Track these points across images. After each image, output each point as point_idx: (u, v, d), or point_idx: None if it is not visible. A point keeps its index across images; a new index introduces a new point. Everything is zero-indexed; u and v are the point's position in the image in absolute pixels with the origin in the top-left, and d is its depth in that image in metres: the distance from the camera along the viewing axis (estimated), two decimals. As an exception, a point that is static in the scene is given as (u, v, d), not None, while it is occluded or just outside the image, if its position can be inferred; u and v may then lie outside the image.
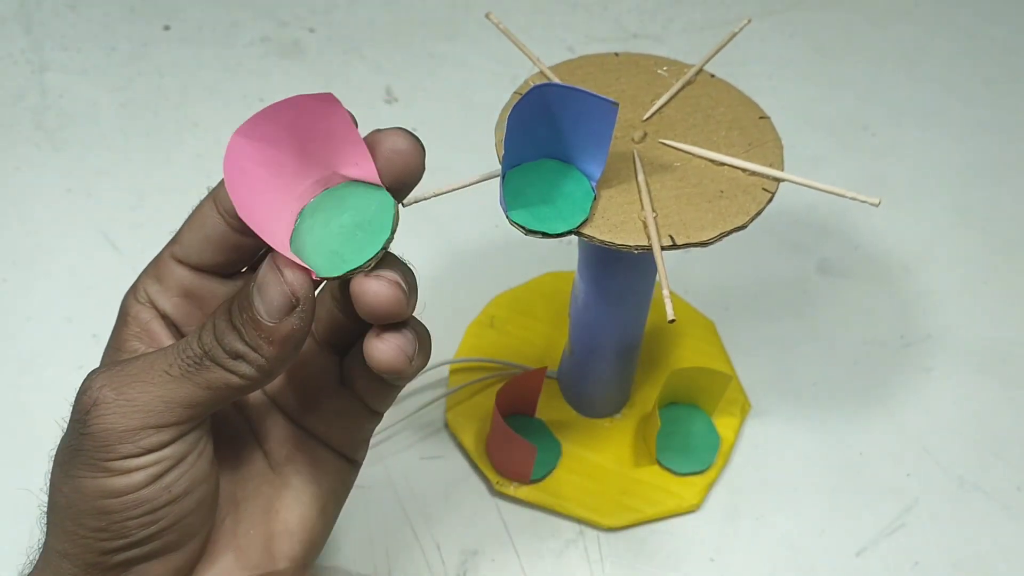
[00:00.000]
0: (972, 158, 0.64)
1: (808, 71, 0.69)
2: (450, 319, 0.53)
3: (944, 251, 0.58)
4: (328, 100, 0.28)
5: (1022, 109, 0.67)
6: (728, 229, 0.35)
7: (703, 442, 0.48)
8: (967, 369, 0.53)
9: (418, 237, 0.57)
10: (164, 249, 0.33)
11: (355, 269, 0.29)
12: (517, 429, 0.44)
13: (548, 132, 0.34)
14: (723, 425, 0.49)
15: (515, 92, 0.39)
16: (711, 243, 0.34)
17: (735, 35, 0.40)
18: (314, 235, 0.29)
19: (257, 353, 0.29)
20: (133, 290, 0.34)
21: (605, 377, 0.46)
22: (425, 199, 0.35)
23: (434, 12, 0.71)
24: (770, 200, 0.36)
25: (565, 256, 0.56)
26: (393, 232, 0.29)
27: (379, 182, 0.29)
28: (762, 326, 0.54)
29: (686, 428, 0.48)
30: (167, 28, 0.69)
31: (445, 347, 0.52)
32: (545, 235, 0.34)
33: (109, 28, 0.68)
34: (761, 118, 0.38)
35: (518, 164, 0.35)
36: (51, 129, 0.62)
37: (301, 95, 0.28)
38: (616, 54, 0.41)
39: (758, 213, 0.35)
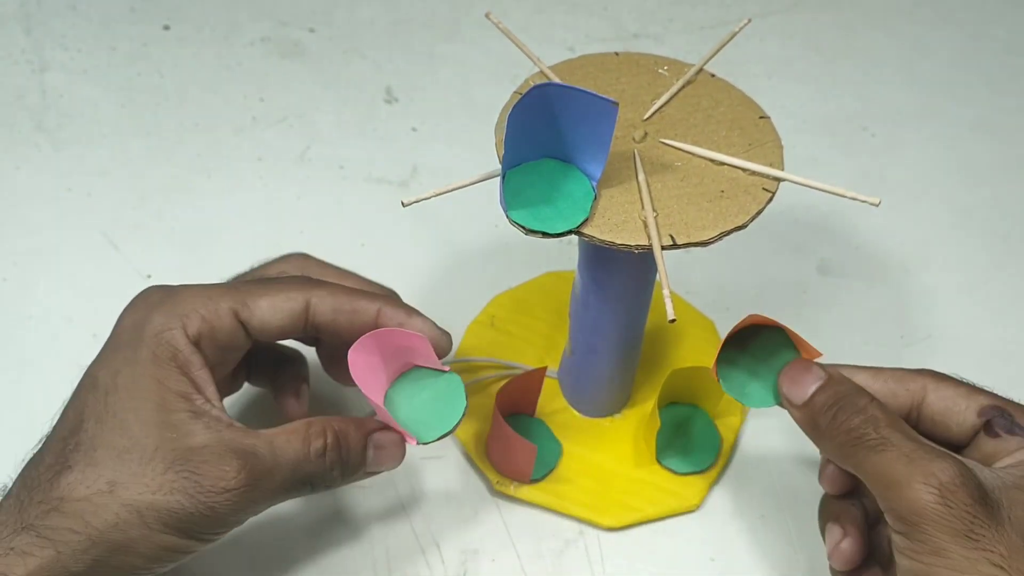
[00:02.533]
0: (972, 158, 0.64)
1: (808, 71, 0.69)
2: (450, 319, 0.53)
3: (944, 251, 0.59)
4: (419, 338, 0.38)
5: (1022, 109, 0.67)
6: (728, 229, 0.35)
7: (703, 442, 0.48)
8: (967, 369, 0.52)
9: (418, 237, 0.57)
10: (218, 300, 0.38)
11: (443, 435, 0.39)
12: (517, 429, 0.44)
13: (548, 132, 0.34)
14: (723, 425, 0.49)
15: (515, 92, 0.39)
16: (711, 243, 0.34)
17: (735, 35, 0.40)
18: (404, 409, 0.39)
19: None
20: (183, 325, 0.37)
21: (605, 377, 0.46)
22: (425, 199, 0.35)
23: (434, 12, 0.71)
24: (770, 200, 0.36)
25: (565, 256, 0.56)
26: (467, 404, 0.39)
27: (443, 368, 0.40)
28: (762, 326, 0.54)
29: (686, 428, 0.48)
30: (167, 28, 0.69)
31: (445, 347, 0.52)
32: (545, 235, 0.34)
33: (109, 28, 0.68)
34: (761, 118, 0.38)
35: (518, 164, 0.35)
36: (51, 129, 0.62)
37: (405, 333, 0.38)
38: (616, 54, 0.41)
39: (758, 213, 0.35)
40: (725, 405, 0.49)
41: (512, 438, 0.43)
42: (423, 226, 0.58)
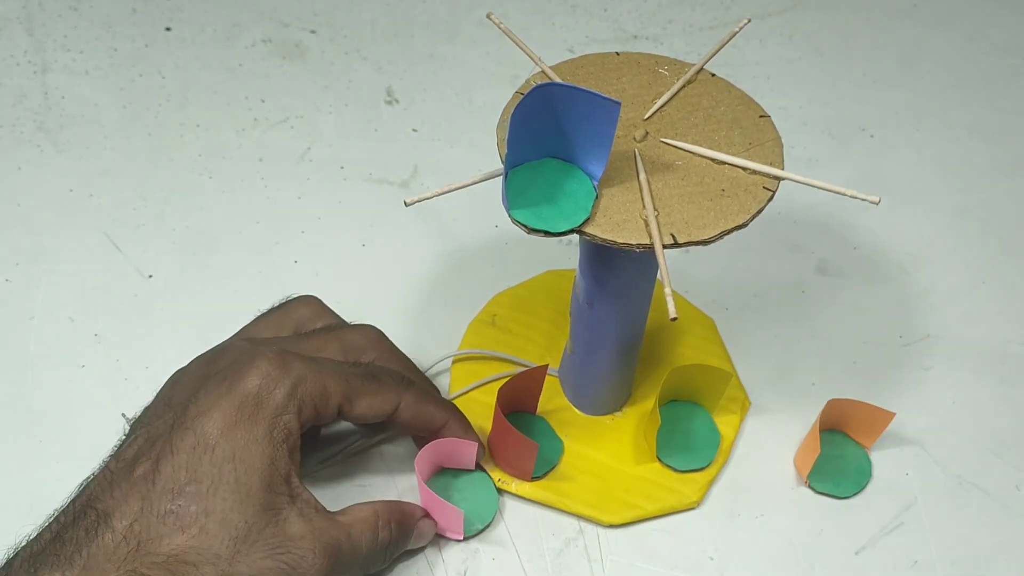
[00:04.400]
0: (971, 159, 0.64)
1: (807, 71, 0.69)
2: (451, 317, 0.53)
3: (943, 251, 0.59)
4: (472, 446, 0.44)
5: (1022, 109, 0.67)
6: (729, 227, 0.35)
7: (703, 439, 0.48)
8: (966, 368, 0.53)
9: (419, 237, 0.58)
10: (331, 390, 0.40)
11: (481, 530, 0.46)
12: (519, 426, 0.44)
13: (550, 131, 0.34)
14: (723, 422, 0.49)
15: (517, 92, 0.39)
16: (712, 241, 0.35)
17: (735, 34, 0.40)
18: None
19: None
20: (298, 410, 0.39)
21: (606, 375, 0.46)
22: (427, 198, 0.35)
23: (434, 13, 0.72)
24: (771, 199, 0.36)
25: (566, 255, 0.56)
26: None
27: (473, 468, 0.46)
28: (762, 325, 0.54)
29: (687, 425, 0.48)
30: (168, 29, 0.69)
31: (447, 345, 0.52)
32: (547, 234, 0.34)
33: (111, 29, 0.69)
34: (761, 117, 0.39)
35: (520, 163, 0.36)
36: (53, 130, 0.62)
37: (457, 441, 0.44)
38: (617, 53, 0.41)
39: (759, 211, 0.35)
40: (725, 403, 0.49)
41: (514, 436, 0.43)
42: (424, 226, 0.58)
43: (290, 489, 0.38)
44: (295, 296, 0.47)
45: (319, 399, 0.40)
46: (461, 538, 0.45)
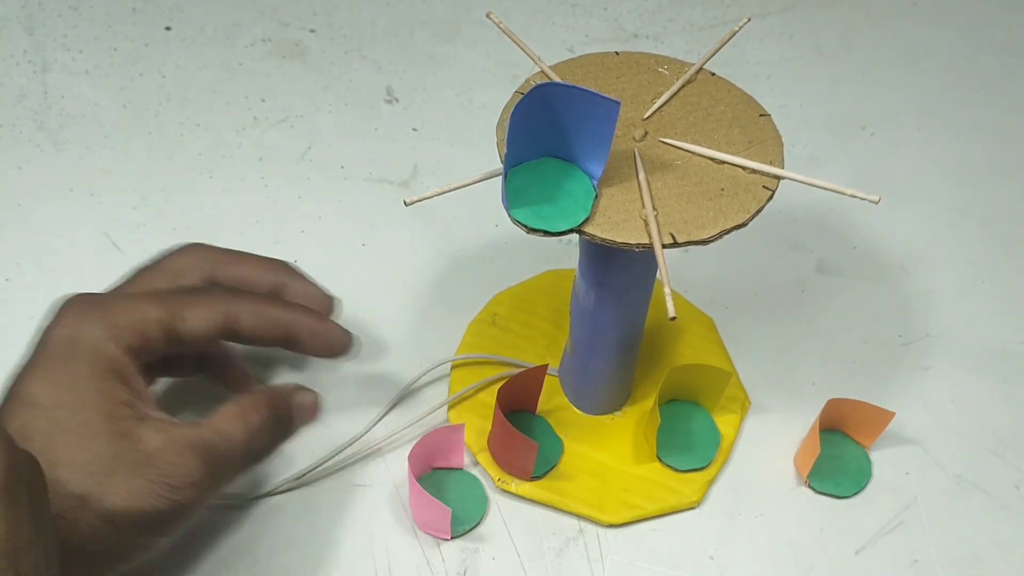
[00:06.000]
0: (971, 158, 0.64)
1: (807, 71, 0.69)
2: (451, 317, 0.53)
3: (942, 250, 0.59)
4: (460, 430, 0.45)
5: (1021, 109, 0.67)
6: (729, 227, 0.35)
7: (703, 439, 0.48)
8: (965, 368, 0.53)
9: (419, 236, 0.58)
10: (147, 313, 0.39)
11: (468, 529, 0.46)
12: (518, 426, 0.44)
13: (550, 131, 0.34)
14: (723, 422, 0.49)
15: (516, 91, 0.39)
16: (712, 241, 0.35)
17: (735, 33, 0.40)
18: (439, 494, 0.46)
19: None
20: (115, 338, 0.38)
21: (606, 374, 0.46)
22: (427, 198, 0.35)
23: (434, 12, 0.72)
24: (770, 198, 0.36)
25: (566, 254, 0.56)
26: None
27: (462, 467, 0.47)
28: (762, 324, 0.54)
29: (686, 425, 0.48)
30: (168, 29, 0.69)
31: (446, 345, 0.52)
32: (547, 233, 0.34)
33: (111, 29, 0.69)
34: (761, 116, 0.38)
35: (520, 163, 0.36)
36: (53, 129, 0.62)
37: (447, 430, 0.45)
38: (617, 53, 0.41)
39: (759, 211, 0.35)
40: (725, 402, 0.49)
41: (513, 435, 0.43)
42: (424, 225, 0.58)
43: (135, 412, 0.37)
44: (177, 246, 0.45)
45: (138, 323, 0.39)
46: (448, 538, 0.45)
